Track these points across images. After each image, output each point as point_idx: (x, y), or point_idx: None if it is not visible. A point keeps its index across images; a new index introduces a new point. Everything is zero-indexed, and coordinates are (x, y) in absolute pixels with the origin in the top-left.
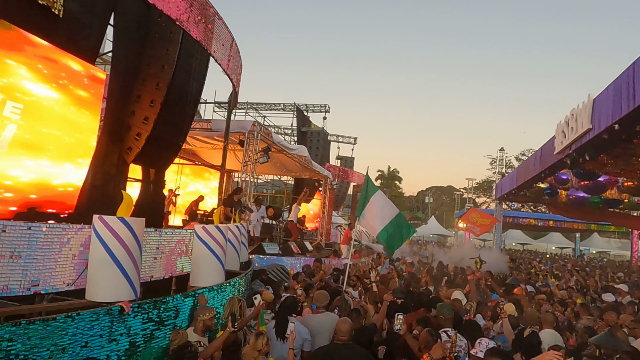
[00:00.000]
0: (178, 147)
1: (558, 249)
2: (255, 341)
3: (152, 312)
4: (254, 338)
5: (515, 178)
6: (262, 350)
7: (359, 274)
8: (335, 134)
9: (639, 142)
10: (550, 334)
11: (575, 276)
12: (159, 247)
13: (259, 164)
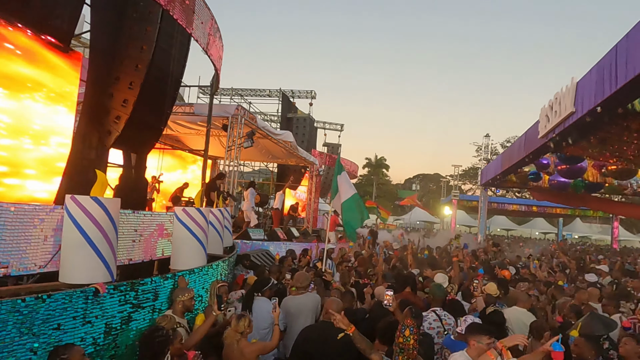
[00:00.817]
0: (159, 130)
1: (542, 234)
2: (237, 323)
3: (129, 294)
4: (236, 320)
5: (500, 163)
6: (245, 332)
7: (342, 257)
8: (321, 121)
9: (621, 124)
10: (521, 313)
11: (558, 258)
12: (137, 229)
13: (244, 150)
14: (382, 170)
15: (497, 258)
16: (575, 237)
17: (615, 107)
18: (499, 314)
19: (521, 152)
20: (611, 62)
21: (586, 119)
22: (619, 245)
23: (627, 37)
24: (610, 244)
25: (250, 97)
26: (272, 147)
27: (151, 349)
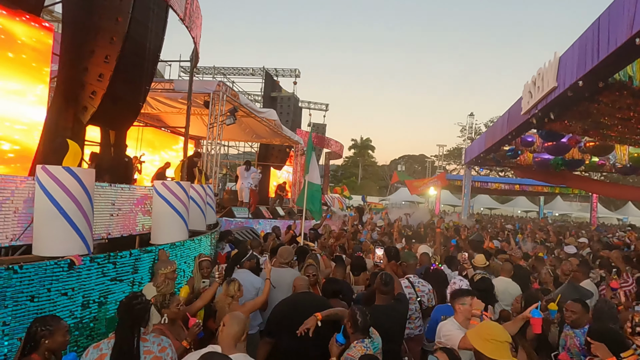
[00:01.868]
0: (138, 107)
1: (523, 212)
2: (227, 287)
3: (107, 267)
4: (226, 284)
5: (483, 141)
6: (235, 295)
7: (326, 234)
8: (306, 101)
9: (602, 99)
10: (507, 282)
11: (537, 234)
12: (114, 202)
13: (227, 129)
14: (368, 151)
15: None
16: (555, 215)
17: (596, 81)
18: (486, 280)
19: (504, 130)
20: (593, 35)
21: (568, 93)
22: (597, 222)
23: (609, 10)
24: (589, 221)
25: (232, 76)
26: (256, 126)
27: (131, 316)
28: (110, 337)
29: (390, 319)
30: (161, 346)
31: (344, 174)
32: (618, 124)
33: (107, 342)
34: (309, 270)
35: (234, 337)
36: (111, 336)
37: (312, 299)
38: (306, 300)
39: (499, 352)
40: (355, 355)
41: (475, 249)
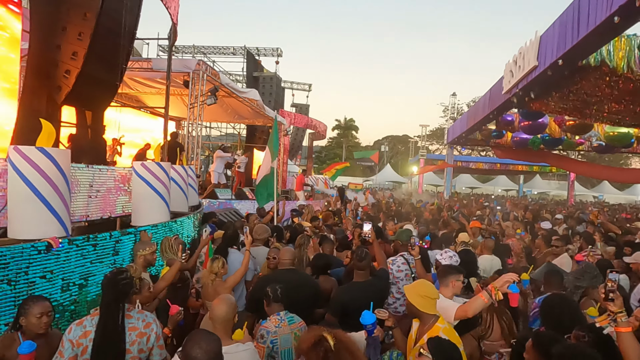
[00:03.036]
0: (114, 86)
1: (504, 191)
2: (212, 264)
3: (86, 249)
4: (210, 262)
5: (465, 121)
6: (219, 272)
7: (312, 214)
8: (289, 81)
9: (580, 79)
10: (489, 259)
11: (516, 212)
12: (92, 184)
13: (208, 110)
14: (352, 132)
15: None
16: (534, 194)
17: (575, 60)
18: (469, 252)
19: (486, 109)
20: (573, 14)
21: (548, 72)
22: (574, 199)
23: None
24: (567, 199)
25: (213, 55)
26: (238, 107)
27: (115, 292)
28: (93, 313)
29: (366, 294)
30: (145, 322)
31: (328, 155)
32: (595, 103)
33: (90, 319)
34: (270, 253)
35: (224, 322)
36: (94, 313)
37: (298, 277)
38: (292, 278)
39: (429, 306)
40: (270, 326)
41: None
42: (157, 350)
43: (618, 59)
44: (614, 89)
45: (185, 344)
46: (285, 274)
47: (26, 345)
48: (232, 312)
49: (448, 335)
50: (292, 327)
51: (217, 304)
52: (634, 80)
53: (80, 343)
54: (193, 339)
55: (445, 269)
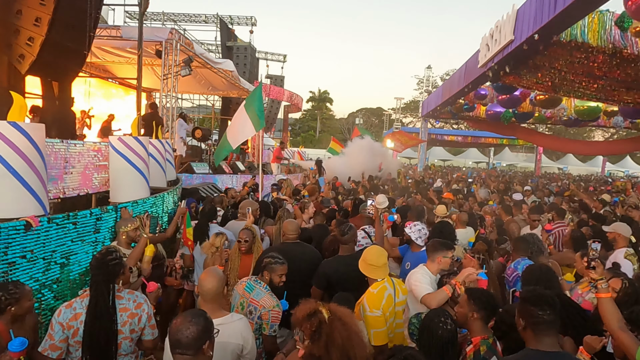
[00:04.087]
0: (82, 55)
1: (474, 163)
2: (215, 238)
3: (67, 227)
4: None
5: (440, 94)
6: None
7: (292, 188)
8: (263, 51)
9: (554, 54)
10: (462, 232)
11: (491, 183)
12: (68, 160)
13: (181, 80)
14: (326, 104)
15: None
16: (503, 166)
17: (551, 34)
18: (447, 224)
19: (461, 82)
20: None
21: (524, 47)
22: (541, 171)
23: None
24: (534, 171)
25: (184, 23)
26: (212, 78)
27: (104, 273)
28: (82, 295)
29: (349, 268)
30: (137, 302)
31: (302, 128)
32: (567, 78)
33: (80, 301)
34: (241, 235)
35: (215, 295)
36: (83, 294)
37: (303, 250)
38: (296, 251)
39: (375, 273)
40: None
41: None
42: (149, 330)
43: (591, 35)
44: (585, 65)
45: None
46: (294, 247)
47: (17, 343)
48: (221, 284)
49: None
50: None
51: (206, 278)
52: (604, 56)
53: (70, 325)
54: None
55: (435, 244)
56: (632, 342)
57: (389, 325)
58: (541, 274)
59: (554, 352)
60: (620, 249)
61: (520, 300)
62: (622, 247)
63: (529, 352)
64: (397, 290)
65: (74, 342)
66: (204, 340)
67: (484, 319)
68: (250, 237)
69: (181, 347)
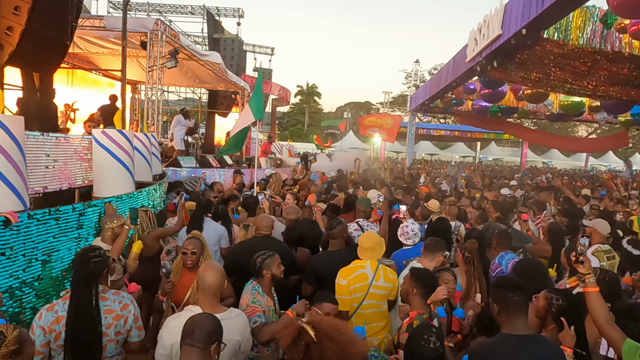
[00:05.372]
0: (64, 46)
1: (461, 157)
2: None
3: (49, 223)
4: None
5: (428, 88)
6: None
7: (280, 182)
8: (251, 44)
9: (541, 49)
10: (447, 220)
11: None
12: (49, 154)
13: (167, 73)
14: (314, 98)
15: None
16: (490, 160)
17: (539, 29)
18: (444, 220)
19: (449, 77)
20: None
21: (511, 41)
22: (526, 165)
23: None
24: (520, 165)
25: (170, 14)
26: (198, 70)
27: (86, 272)
28: (65, 296)
29: (338, 263)
30: (122, 303)
31: (290, 121)
32: (553, 73)
33: (62, 303)
34: (187, 246)
35: (217, 289)
36: (65, 296)
37: (274, 244)
38: (266, 245)
39: (362, 253)
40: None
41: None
42: (135, 331)
43: (575, 30)
44: (570, 61)
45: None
46: (263, 242)
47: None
48: (223, 278)
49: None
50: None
51: (207, 272)
52: (589, 52)
53: (52, 329)
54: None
55: (437, 243)
56: (618, 336)
57: (353, 298)
58: (535, 269)
59: (527, 335)
60: (594, 245)
61: (492, 287)
62: (596, 244)
63: (503, 335)
64: (379, 274)
65: (56, 346)
66: (214, 339)
67: (422, 295)
68: (199, 248)
69: (193, 339)
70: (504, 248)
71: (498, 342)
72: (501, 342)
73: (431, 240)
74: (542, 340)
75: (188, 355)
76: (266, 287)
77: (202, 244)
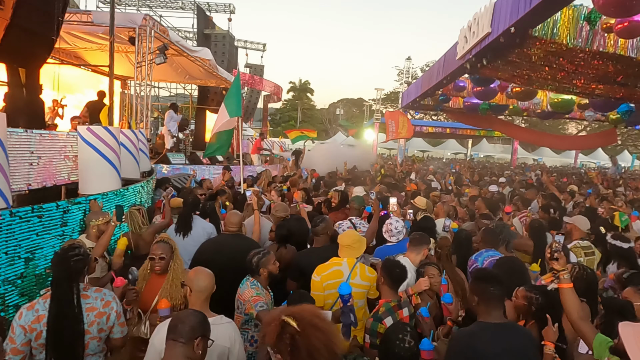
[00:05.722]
0: (51, 41)
1: (453, 154)
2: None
3: (32, 221)
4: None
5: (420, 86)
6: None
7: (269, 179)
8: (242, 40)
9: (530, 47)
10: (441, 222)
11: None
12: (33, 150)
13: (157, 69)
14: (307, 94)
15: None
16: (481, 157)
17: (527, 27)
18: (429, 219)
19: (440, 74)
20: None
21: (500, 39)
22: (517, 162)
23: None
24: (510, 162)
25: (160, 9)
26: (189, 66)
27: (67, 270)
28: (45, 295)
29: (321, 260)
30: (104, 301)
31: (283, 118)
32: (542, 71)
33: (42, 302)
34: (155, 251)
35: (209, 293)
36: (45, 294)
37: (239, 242)
38: (232, 242)
39: (340, 251)
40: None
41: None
42: (117, 327)
43: (563, 29)
44: (556, 58)
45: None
46: (230, 239)
47: None
48: (213, 280)
49: (317, 268)
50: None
51: (199, 276)
52: (576, 51)
53: (33, 328)
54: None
55: (421, 237)
56: (590, 331)
57: (326, 294)
58: (514, 267)
59: (502, 323)
60: (574, 240)
61: (473, 280)
62: (576, 239)
63: (481, 324)
64: (355, 272)
65: (38, 345)
66: (197, 334)
67: (389, 284)
68: (168, 252)
69: (175, 334)
70: (488, 245)
71: (477, 329)
72: (479, 329)
73: (416, 235)
74: (516, 328)
75: (171, 349)
76: (263, 283)
77: (171, 248)
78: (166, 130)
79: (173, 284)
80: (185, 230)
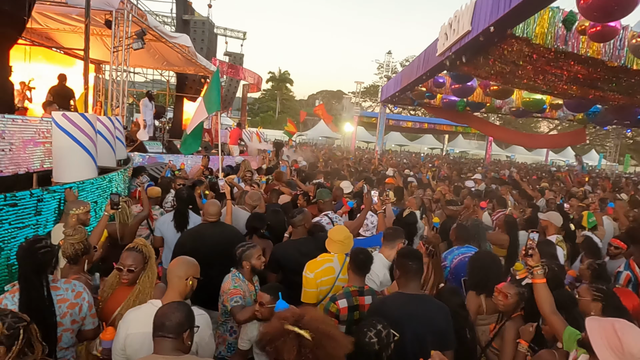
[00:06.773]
0: (22, 21)
1: (429, 149)
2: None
3: (4, 209)
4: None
5: (399, 80)
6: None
7: (248, 169)
8: (222, 27)
9: (507, 47)
10: (416, 215)
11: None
12: (4, 136)
13: (134, 54)
14: (286, 85)
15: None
16: (457, 152)
17: (506, 27)
18: (413, 214)
19: (419, 70)
20: None
21: (480, 38)
22: (491, 158)
23: None
24: (484, 158)
25: None
26: (167, 53)
27: (33, 263)
28: (12, 290)
29: (298, 252)
30: (75, 291)
31: (261, 108)
32: (517, 70)
33: (10, 297)
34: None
35: (181, 282)
36: (12, 289)
37: (220, 230)
38: (213, 231)
39: (330, 246)
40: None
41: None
42: (89, 319)
43: (539, 31)
44: (534, 60)
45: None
46: (209, 229)
47: None
48: (192, 267)
49: (308, 264)
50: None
51: (178, 263)
52: (552, 52)
53: None
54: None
55: (395, 232)
56: (561, 324)
57: (319, 291)
58: (491, 262)
59: (416, 294)
60: (551, 235)
61: (397, 256)
62: (552, 234)
63: (399, 294)
64: (345, 268)
65: None
66: (185, 328)
67: (354, 270)
68: (140, 263)
69: (164, 331)
70: (460, 242)
71: (389, 297)
72: (392, 297)
73: (389, 230)
74: (429, 299)
75: (161, 345)
76: (246, 275)
77: (144, 258)
78: (142, 119)
79: (137, 300)
80: (182, 226)
